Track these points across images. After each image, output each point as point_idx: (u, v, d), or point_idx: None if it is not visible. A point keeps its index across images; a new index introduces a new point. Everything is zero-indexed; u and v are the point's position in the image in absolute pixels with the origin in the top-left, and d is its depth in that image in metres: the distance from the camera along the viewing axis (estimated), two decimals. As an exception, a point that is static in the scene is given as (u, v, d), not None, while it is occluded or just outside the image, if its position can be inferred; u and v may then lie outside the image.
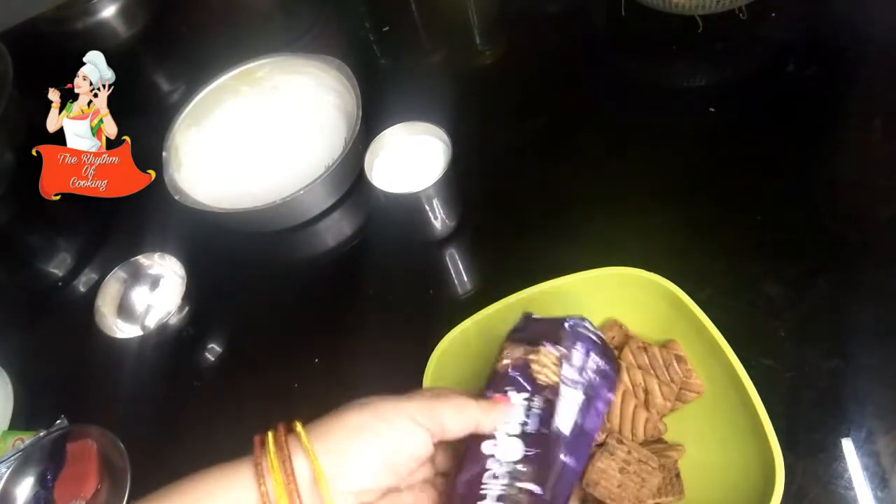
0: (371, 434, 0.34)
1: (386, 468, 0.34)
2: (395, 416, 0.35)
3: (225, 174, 0.79)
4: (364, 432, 0.34)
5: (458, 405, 0.37)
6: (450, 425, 0.36)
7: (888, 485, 0.47)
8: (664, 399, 0.49)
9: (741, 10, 0.74)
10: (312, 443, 0.33)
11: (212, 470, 0.34)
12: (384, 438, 0.34)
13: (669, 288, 0.49)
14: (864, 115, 0.69)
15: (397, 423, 0.35)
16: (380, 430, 0.34)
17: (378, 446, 0.34)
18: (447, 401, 0.37)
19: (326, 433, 0.34)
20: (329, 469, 0.32)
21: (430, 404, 0.36)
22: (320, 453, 0.33)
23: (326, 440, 0.33)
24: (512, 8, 0.90)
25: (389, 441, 0.34)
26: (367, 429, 0.34)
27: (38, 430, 0.63)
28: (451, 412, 0.36)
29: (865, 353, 0.53)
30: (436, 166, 0.62)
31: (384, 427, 0.34)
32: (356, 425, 0.34)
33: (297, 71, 0.80)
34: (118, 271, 0.70)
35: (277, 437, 0.34)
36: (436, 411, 0.36)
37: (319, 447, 0.33)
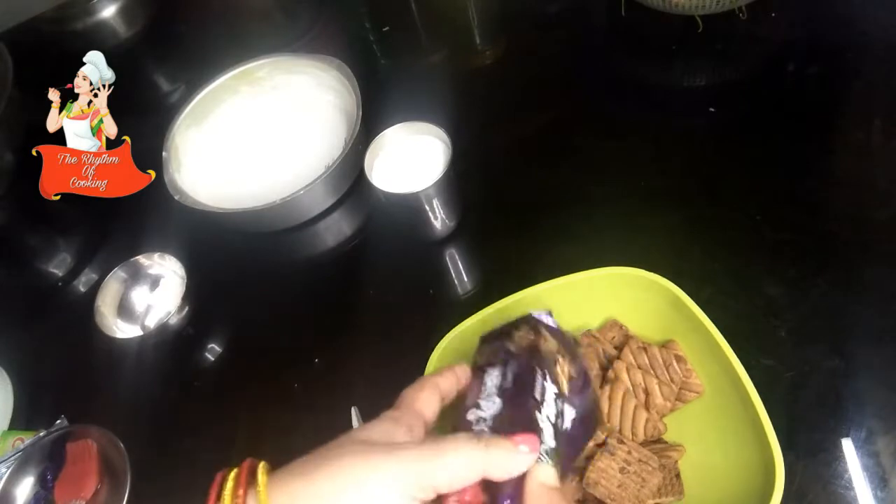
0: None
1: None
2: (368, 484, 0.29)
3: (225, 174, 0.78)
4: (335, 501, 0.29)
5: (465, 458, 0.30)
6: (445, 489, 0.30)
7: (888, 485, 0.47)
8: (664, 399, 0.49)
9: (741, 10, 0.74)
10: (273, 499, 0.29)
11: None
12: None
13: (669, 288, 0.49)
14: (864, 115, 0.68)
15: (370, 492, 0.29)
16: (341, 502, 0.28)
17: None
18: (449, 457, 0.30)
19: (291, 490, 0.29)
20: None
21: (425, 462, 0.30)
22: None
23: (291, 498, 0.29)
24: (512, 8, 0.90)
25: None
26: (339, 498, 0.29)
27: (38, 430, 0.63)
28: (451, 475, 0.30)
29: (865, 353, 0.53)
30: (436, 166, 0.62)
31: (349, 499, 0.28)
32: (327, 492, 0.29)
33: (297, 71, 0.80)
34: (118, 271, 0.70)
35: (237, 487, 0.30)
36: (432, 472, 0.30)
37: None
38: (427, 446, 0.31)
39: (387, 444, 0.31)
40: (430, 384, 0.36)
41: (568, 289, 0.51)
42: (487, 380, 0.37)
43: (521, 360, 0.37)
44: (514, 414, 0.34)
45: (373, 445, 0.30)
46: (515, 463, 0.31)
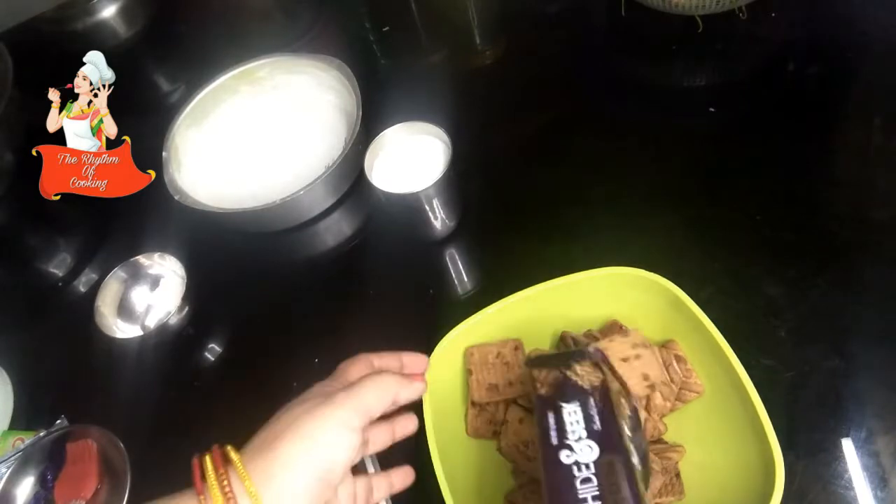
0: (305, 458, 0.35)
1: (322, 484, 0.35)
2: (327, 431, 0.35)
3: (225, 174, 0.78)
4: (299, 458, 0.34)
5: (378, 386, 0.38)
6: (375, 411, 0.38)
7: (888, 485, 0.47)
8: (664, 399, 0.49)
9: (741, 10, 0.74)
10: (250, 473, 0.34)
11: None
12: (319, 458, 0.35)
13: (669, 288, 0.49)
14: (864, 115, 0.69)
15: (330, 437, 0.35)
16: (314, 451, 0.35)
17: (314, 468, 0.35)
18: (367, 387, 0.38)
19: (263, 462, 0.34)
20: (269, 499, 0.33)
21: (355, 401, 0.37)
22: (259, 485, 0.34)
23: (264, 470, 0.34)
24: (512, 8, 0.90)
25: (324, 459, 0.35)
26: (301, 454, 0.35)
27: (38, 430, 0.63)
28: (374, 398, 0.38)
29: (865, 353, 0.53)
30: (436, 166, 0.62)
31: (318, 447, 0.35)
32: (290, 453, 0.35)
33: (297, 71, 0.80)
34: (118, 271, 0.70)
35: (217, 467, 0.34)
36: (362, 405, 0.37)
37: (258, 479, 0.34)
38: (350, 386, 0.38)
39: (322, 395, 0.38)
40: (364, 358, 0.42)
41: (568, 289, 0.51)
42: (566, 417, 0.37)
43: (596, 399, 0.38)
44: (613, 460, 0.35)
45: (311, 401, 0.37)
46: (415, 391, 0.41)
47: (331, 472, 0.35)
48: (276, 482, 0.34)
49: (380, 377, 0.39)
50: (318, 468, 0.35)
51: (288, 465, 0.34)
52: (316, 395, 0.38)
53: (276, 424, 0.36)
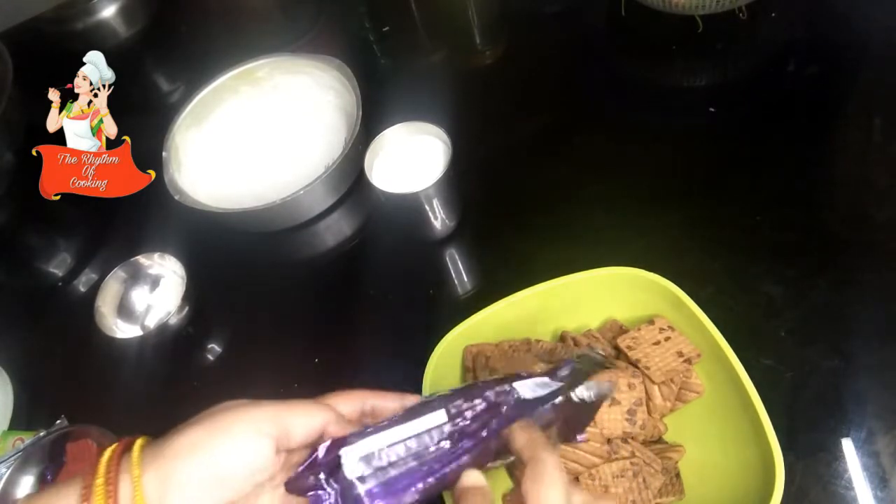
0: (203, 452, 0.32)
1: (219, 485, 0.32)
2: (234, 427, 0.33)
3: (225, 174, 0.78)
4: (196, 450, 0.32)
5: (307, 410, 0.36)
6: (296, 431, 0.35)
7: (888, 485, 0.47)
8: (664, 399, 0.49)
9: (741, 10, 0.74)
10: (145, 465, 0.32)
11: (47, 490, 0.33)
12: (217, 455, 0.32)
13: (669, 288, 0.49)
14: (864, 115, 0.69)
15: (235, 434, 0.33)
16: (213, 446, 0.32)
17: (210, 464, 0.32)
18: (296, 405, 0.36)
19: (160, 454, 0.32)
20: (154, 493, 0.31)
21: (278, 411, 0.35)
22: (149, 477, 0.32)
23: (158, 462, 0.32)
24: (512, 8, 0.90)
25: (223, 457, 0.32)
26: (199, 446, 0.32)
27: (38, 430, 0.63)
28: (300, 418, 0.35)
29: (865, 353, 0.53)
30: (436, 166, 0.62)
31: (219, 442, 0.33)
32: (188, 444, 0.32)
33: (297, 71, 0.80)
34: (118, 271, 0.70)
35: (112, 457, 0.33)
36: (282, 417, 0.35)
37: (150, 470, 0.32)
38: (285, 402, 0.36)
39: (253, 400, 0.36)
40: (359, 393, 0.39)
41: (568, 289, 0.51)
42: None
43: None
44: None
45: (241, 401, 0.35)
46: (341, 427, 0.36)
47: (233, 472, 0.33)
48: (168, 471, 0.32)
49: (314, 406, 0.36)
50: (219, 465, 0.32)
51: (184, 456, 0.32)
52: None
53: (194, 418, 0.34)
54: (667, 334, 0.49)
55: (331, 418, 0.36)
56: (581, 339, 0.53)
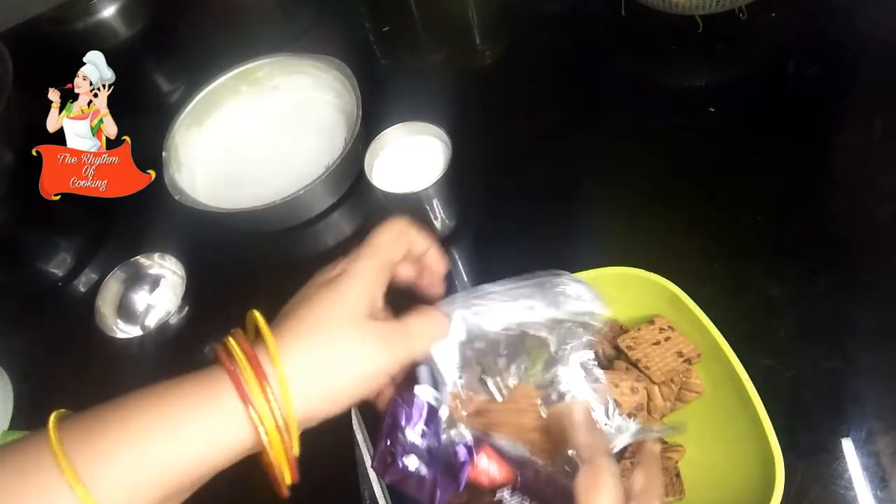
0: (346, 361, 0.32)
1: (359, 391, 0.33)
2: (370, 352, 0.33)
3: (225, 174, 0.78)
4: (340, 364, 0.32)
5: (429, 334, 0.37)
6: (422, 348, 0.36)
7: (888, 485, 0.47)
8: (664, 399, 0.49)
9: (741, 10, 0.74)
10: (283, 360, 0.31)
11: (178, 387, 0.31)
12: (359, 364, 0.32)
13: (669, 288, 0.49)
14: (864, 115, 0.69)
15: (371, 356, 0.33)
16: (354, 355, 0.32)
17: (351, 373, 0.32)
18: (415, 330, 0.36)
19: (298, 347, 0.32)
20: (300, 394, 0.31)
21: (401, 339, 0.35)
22: (292, 377, 0.31)
23: (298, 360, 0.31)
24: (512, 8, 0.90)
25: (364, 367, 0.32)
26: (343, 356, 0.32)
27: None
28: (426, 338, 0.36)
29: (865, 353, 0.53)
30: (436, 166, 0.62)
31: (358, 351, 0.32)
32: (329, 357, 0.32)
33: (297, 71, 0.80)
34: (118, 271, 0.70)
35: (249, 357, 0.32)
36: (407, 345, 0.35)
37: (292, 371, 0.31)
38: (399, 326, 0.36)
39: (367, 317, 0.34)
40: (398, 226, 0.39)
41: (568, 289, 0.51)
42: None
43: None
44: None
45: (361, 320, 0.34)
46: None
47: (373, 382, 0.33)
48: (311, 378, 0.31)
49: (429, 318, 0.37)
50: (361, 375, 0.32)
51: (329, 368, 0.32)
52: (357, 300, 0.35)
53: (318, 323, 0.34)
54: (667, 334, 0.49)
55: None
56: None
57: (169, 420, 0.30)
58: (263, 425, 0.30)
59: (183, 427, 0.29)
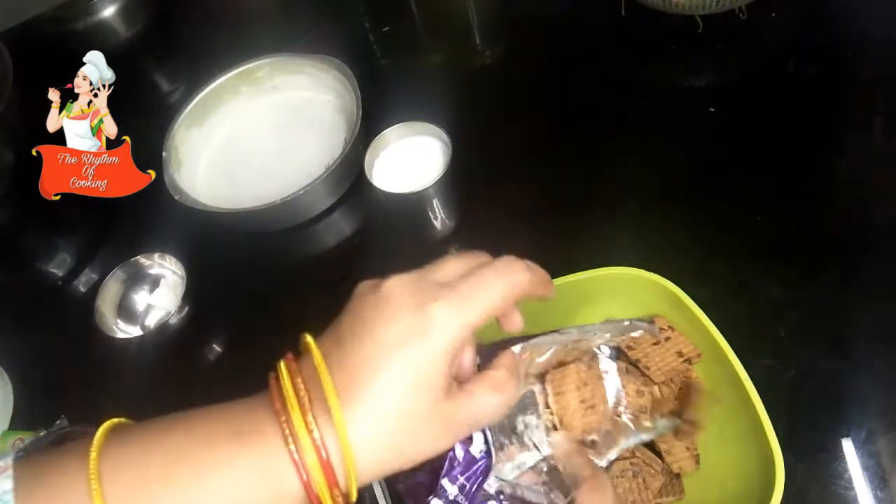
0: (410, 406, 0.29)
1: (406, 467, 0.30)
2: (436, 385, 0.30)
3: (225, 174, 0.78)
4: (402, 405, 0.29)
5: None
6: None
7: (888, 485, 0.47)
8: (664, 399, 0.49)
9: (741, 10, 0.74)
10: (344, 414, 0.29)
11: (218, 423, 0.31)
12: (422, 448, 0.30)
13: (669, 288, 0.49)
14: (864, 115, 0.68)
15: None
16: (418, 391, 0.29)
17: (412, 455, 0.30)
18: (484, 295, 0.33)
19: (364, 415, 0.29)
20: (357, 438, 0.28)
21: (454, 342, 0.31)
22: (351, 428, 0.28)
23: (356, 408, 0.29)
24: (512, 8, 0.90)
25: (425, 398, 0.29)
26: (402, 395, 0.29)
27: (38, 430, 0.63)
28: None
29: (865, 353, 0.53)
30: (436, 166, 0.62)
31: (422, 388, 0.29)
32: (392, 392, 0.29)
33: (297, 71, 0.80)
34: (118, 271, 0.70)
35: (298, 393, 0.30)
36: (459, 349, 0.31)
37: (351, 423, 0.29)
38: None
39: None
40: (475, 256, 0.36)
41: (568, 289, 0.51)
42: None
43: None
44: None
45: (439, 401, 0.30)
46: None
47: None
48: (370, 421, 0.29)
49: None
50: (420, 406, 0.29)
51: (392, 411, 0.29)
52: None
53: (368, 343, 0.32)
54: (667, 334, 0.49)
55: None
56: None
57: (217, 470, 0.29)
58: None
59: (226, 476, 0.29)
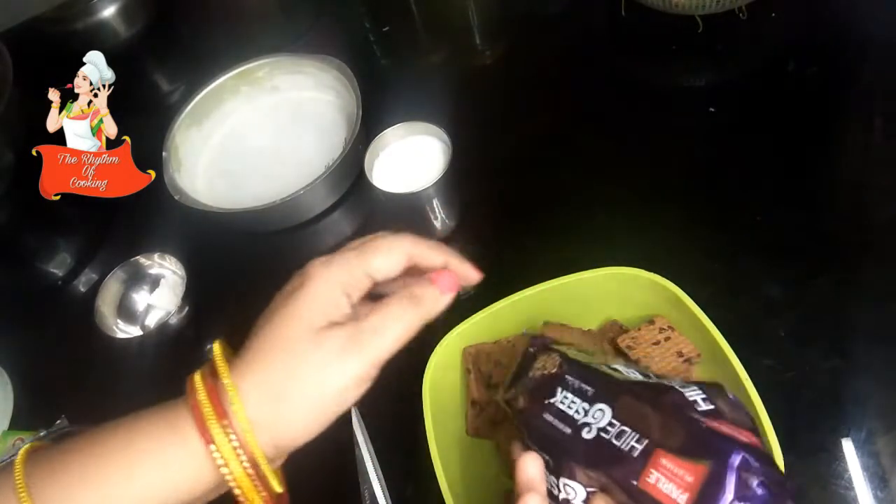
0: (309, 389, 0.30)
1: (336, 405, 0.32)
2: (336, 374, 0.31)
3: (225, 174, 0.78)
4: (298, 390, 0.30)
5: (401, 330, 0.33)
6: (394, 347, 0.33)
7: (888, 485, 0.47)
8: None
9: (741, 10, 0.74)
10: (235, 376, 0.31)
11: (145, 422, 0.32)
12: (323, 381, 0.31)
13: (669, 288, 0.49)
14: (864, 115, 0.69)
15: (337, 378, 0.31)
16: (315, 380, 0.31)
17: (318, 393, 0.30)
18: (388, 329, 0.33)
19: (257, 380, 0.31)
20: (263, 433, 0.30)
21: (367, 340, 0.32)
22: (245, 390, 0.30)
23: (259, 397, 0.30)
24: (512, 8, 0.90)
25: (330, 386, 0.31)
26: (300, 381, 0.30)
27: (38, 430, 0.63)
28: (394, 338, 0.33)
29: (865, 353, 0.53)
30: (436, 166, 0.62)
31: (320, 375, 0.31)
32: (285, 379, 0.30)
33: (297, 71, 0.80)
34: (118, 271, 0.70)
35: (210, 394, 0.31)
36: (378, 350, 0.32)
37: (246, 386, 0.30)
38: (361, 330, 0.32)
39: (326, 330, 0.32)
40: (400, 245, 0.37)
41: (568, 289, 0.51)
42: (563, 406, 0.36)
43: (569, 371, 0.38)
44: (622, 399, 0.35)
45: (318, 332, 0.32)
46: (441, 304, 0.35)
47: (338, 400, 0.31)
48: (273, 411, 0.30)
49: (400, 311, 0.34)
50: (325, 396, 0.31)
51: (288, 399, 0.30)
52: (322, 308, 0.33)
53: (275, 342, 0.32)
54: (667, 334, 0.49)
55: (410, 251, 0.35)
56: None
57: (130, 460, 0.30)
58: (229, 467, 0.29)
59: (144, 467, 0.30)
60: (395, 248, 0.36)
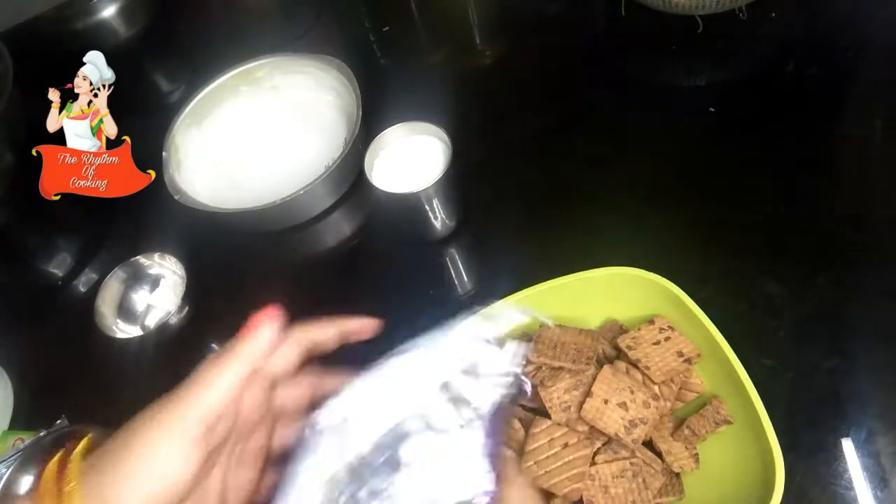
0: (137, 482, 0.30)
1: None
2: (164, 444, 0.31)
3: (225, 174, 0.78)
4: (129, 481, 0.30)
5: (225, 383, 0.33)
6: (220, 406, 0.32)
7: (888, 485, 0.47)
8: (664, 399, 0.49)
9: (741, 10, 0.74)
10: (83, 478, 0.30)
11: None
12: (153, 482, 0.30)
13: (669, 288, 0.49)
14: (864, 115, 0.69)
15: (167, 450, 0.31)
16: (147, 471, 0.30)
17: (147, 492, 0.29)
18: (213, 383, 0.33)
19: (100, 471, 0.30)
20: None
21: (194, 404, 0.32)
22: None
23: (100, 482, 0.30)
24: (512, 8, 0.90)
25: (159, 483, 0.30)
26: (132, 477, 0.30)
27: (38, 430, 0.63)
28: (217, 393, 0.33)
29: (865, 353, 0.53)
30: (436, 166, 0.62)
31: (152, 467, 0.30)
32: (128, 460, 0.30)
33: (297, 71, 0.80)
34: (118, 271, 0.70)
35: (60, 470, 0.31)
36: (203, 407, 0.32)
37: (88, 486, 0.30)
38: (190, 383, 0.32)
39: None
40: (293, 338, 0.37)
41: (568, 289, 0.51)
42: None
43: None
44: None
45: (160, 403, 0.32)
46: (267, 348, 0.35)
47: (169, 492, 0.30)
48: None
49: (227, 365, 0.34)
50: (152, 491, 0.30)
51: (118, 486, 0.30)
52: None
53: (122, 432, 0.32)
54: (667, 334, 0.49)
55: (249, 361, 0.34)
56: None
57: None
58: None
59: None
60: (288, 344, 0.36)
